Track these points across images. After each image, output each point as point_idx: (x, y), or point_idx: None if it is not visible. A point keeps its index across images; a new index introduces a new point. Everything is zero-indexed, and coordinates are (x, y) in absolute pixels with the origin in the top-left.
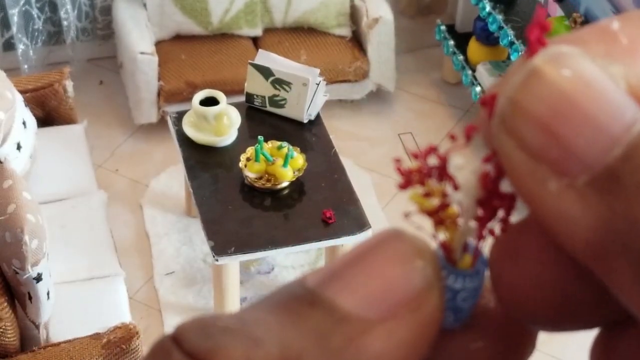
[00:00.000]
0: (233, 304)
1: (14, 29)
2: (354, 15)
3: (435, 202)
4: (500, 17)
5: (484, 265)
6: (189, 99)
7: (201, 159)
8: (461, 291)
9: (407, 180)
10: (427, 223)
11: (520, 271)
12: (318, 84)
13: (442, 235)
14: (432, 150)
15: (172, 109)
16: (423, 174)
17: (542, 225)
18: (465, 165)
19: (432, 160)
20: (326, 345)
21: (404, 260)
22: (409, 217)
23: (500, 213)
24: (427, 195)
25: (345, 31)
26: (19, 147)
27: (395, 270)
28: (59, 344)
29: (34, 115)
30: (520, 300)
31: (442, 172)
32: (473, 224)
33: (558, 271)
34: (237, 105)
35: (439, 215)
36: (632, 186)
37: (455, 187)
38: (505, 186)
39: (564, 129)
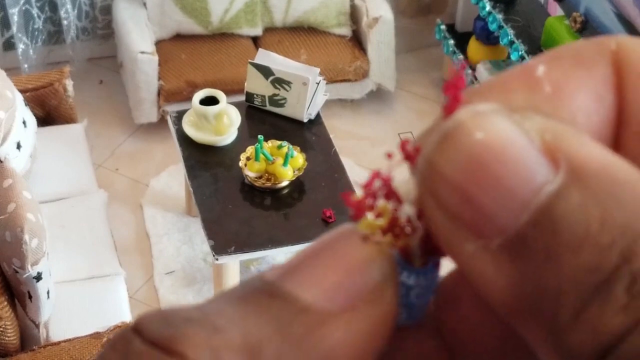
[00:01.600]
0: None
1: (14, 28)
2: (354, 15)
3: (384, 220)
4: (500, 16)
5: (437, 264)
6: (189, 98)
7: (201, 159)
8: (415, 287)
9: (358, 210)
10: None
11: (462, 317)
12: (318, 84)
13: (396, 244)
14: (376, 175)
15: (172, 108)
16: (372, 200)
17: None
18: (407, 182)
19: (377, 184)
20: (287, 333)
21: (361, 255)
22: (367, 240)
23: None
24: (379, 215)
25: (346, 30)
26: (19, 147)
27: (353, 264)
28: (59, 343)
29: (34, 114)
30: (464, 344)
31: (389, 192)
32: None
33: (496, 317)
34: (237, 105)
35: (391, 230)
36: (539, 252)
37: (400, 201)
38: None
39: (477, 192)
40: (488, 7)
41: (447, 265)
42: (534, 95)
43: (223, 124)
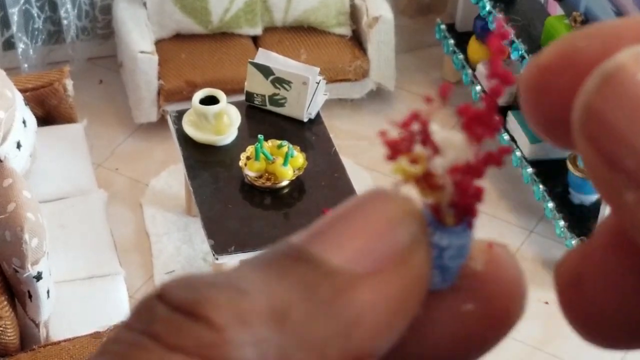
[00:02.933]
0: None
1: (14, 28)
2: (354, 14)
3: (419, 168)
4: (500, 15)
5: (470, 223)
6: (189, 98)
7: (201, 158)
8: (448, 249)
9: (394, 150)
10: (412, 190)
11: (585, 297)
12: (318, 83)
13: (429, 199)
14: (415, 117)
15: (172, 108)
16: (408, 142)
17: (623, 229)
18: (443, 130)
19: (415, 127)
20: (314, 297)
21: (389, 217)
22: (397, 187)
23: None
24: (413, 161)
25: (345, 30)
26: (18, 146)
27: (380, 227)
28: (59, 342)
29: (34, 114)
30: (589, 324)
31: (425, 137)
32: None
33: (622, 295)
34: (237, 104)
35: (425, 181)
36: None
37: (437, 150)
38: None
39: None
40: (488, 7)
41: (479, 226)
42: None
43: (223, 123)
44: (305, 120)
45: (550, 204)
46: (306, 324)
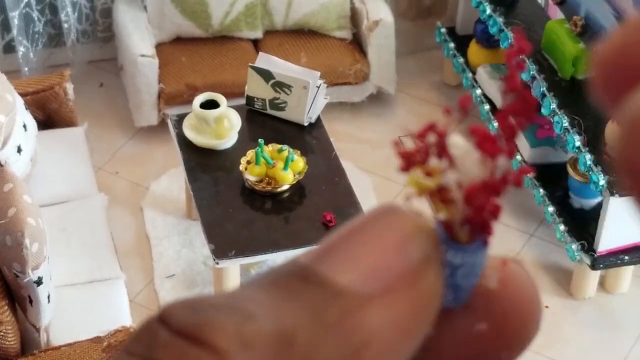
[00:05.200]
0: None
1: (15, 31)
2: (355, 18)
3: (434, 181)
4: (500, 19)
5: (485, 241)
6: (189, 101)
7: (201, 162)
8: (461, 267)
9: (408, 162)
10: (425, 204)
11: None
12: (318, 87)
13: (442, 214)
14: (431, 127)
15: (173, 111)
16: (424, 154)
17: None
18: (463, 144)
19: (431, 138)
20: (322, 320)
21: (400, 234)
22: (409, 200)
23: (493, 201)
24: (428, 174)
25: (346, 34)
26: (19, 150)
27: (390, 244)
28: (59, 347)
29: (35, 118)
30: None
31: (442, 150)
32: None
33: None
34: (237, 108)
35: (439, 194)
36: None
37: (453, 164)
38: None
39: None
40: (488, 10)
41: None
42: None
43: (223, 127)
44: (306, 124)
45: (551, 208)
46: (313, 348)
